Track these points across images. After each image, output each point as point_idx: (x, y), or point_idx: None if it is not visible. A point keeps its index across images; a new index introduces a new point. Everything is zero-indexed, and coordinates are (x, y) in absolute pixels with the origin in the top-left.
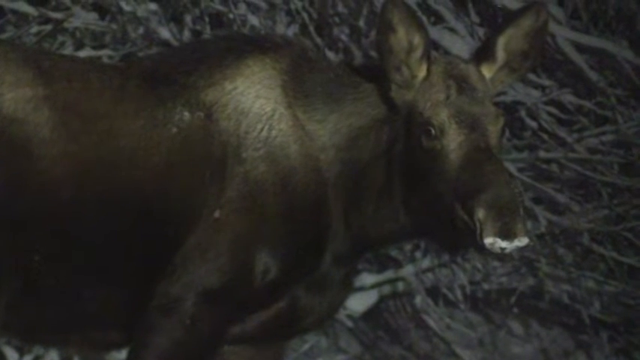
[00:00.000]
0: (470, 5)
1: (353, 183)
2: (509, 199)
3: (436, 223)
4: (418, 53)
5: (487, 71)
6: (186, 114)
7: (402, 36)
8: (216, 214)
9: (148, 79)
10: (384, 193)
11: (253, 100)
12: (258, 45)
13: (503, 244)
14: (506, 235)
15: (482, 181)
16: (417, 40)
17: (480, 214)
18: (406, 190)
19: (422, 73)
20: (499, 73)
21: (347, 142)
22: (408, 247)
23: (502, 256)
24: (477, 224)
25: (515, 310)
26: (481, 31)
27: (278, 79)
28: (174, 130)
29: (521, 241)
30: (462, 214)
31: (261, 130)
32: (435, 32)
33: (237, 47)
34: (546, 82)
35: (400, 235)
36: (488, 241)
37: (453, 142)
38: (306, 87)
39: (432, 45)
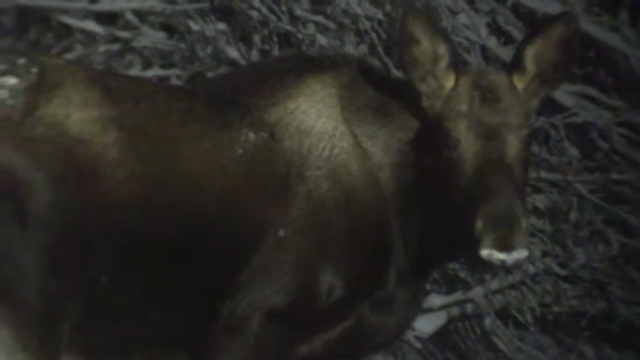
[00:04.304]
0: None
1: (406, 201)
2: (507, 211)
3: (454, 237)
4: (444, 63)
5: (519, 82)
6: (251, 135)
7: (427, 47)
8: (281, 233)
9: (214, 101)
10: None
11: (315, 118)
12: (317, 64)
13: (501, 255)
14: (503, 247)
15: (485, 192)
16: (442, 49)
17: (479, 225)
18: (430, 206)
19: (449, 83)
20: (531, 84)
21: (399, 158)
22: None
23: (504, 269)
24: (477, 236)
25: (587, 333)
26: None
27: (337, 97)
28: (240, 151)
29: (520, 254)
30: (470, 226)
31: (324, 148)
32: (505, 52)
33: (297, 67)
34: (618, 104)
35: (447, 252)
36: (484, 252)
37: (469, 152)
38: (360, 101)
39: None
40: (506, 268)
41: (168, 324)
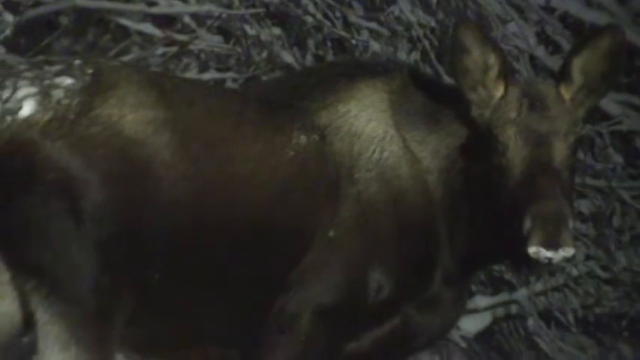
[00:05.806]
0: None
1: (454, 205)
2: (555, 210)
3: (502, 239)
4: (494, 73)
5: (566, 92)
6: (303, 137)
7: (478, 56)
8: (331, 233)
9: (266, 104)
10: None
11: (366, 122)
12: (369, 69)
13: (548, 253)
14: (550, 244)
15: (533, 194)
16: (492, 59)
17: (527, 223)
18: (479, 209)
19: (499, 92)
20: (578, 94)
21: (447, 164)
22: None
23: (551, 268)
24: (525, 234)
25: (626, 333)
26: None
27: (388, 102)
28: (292, 153)
29: (567, 252)
30: (517, 228)
31: (374, 151)
32: (552, 61)
33: (349, 72)
34: None
35: (492, 254)
36: (532, 250)
37: (517, 157)
38: (410, 107)
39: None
40: (552, 266)
41: (220, 321)
